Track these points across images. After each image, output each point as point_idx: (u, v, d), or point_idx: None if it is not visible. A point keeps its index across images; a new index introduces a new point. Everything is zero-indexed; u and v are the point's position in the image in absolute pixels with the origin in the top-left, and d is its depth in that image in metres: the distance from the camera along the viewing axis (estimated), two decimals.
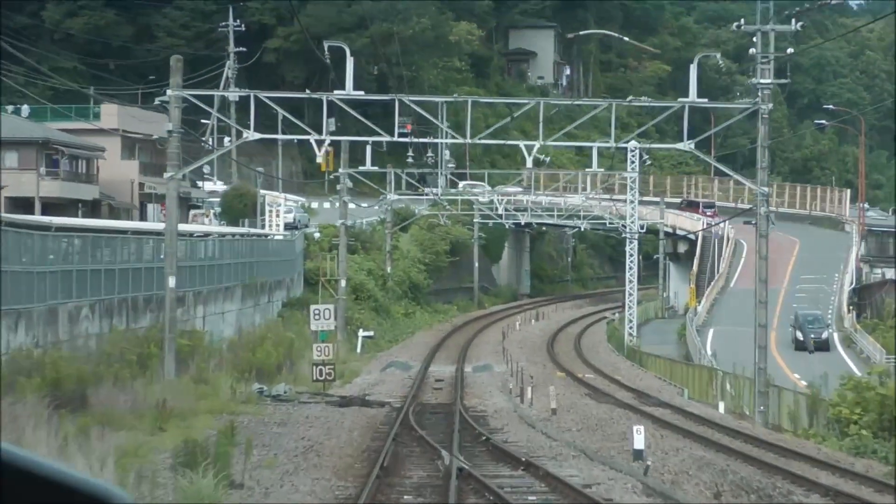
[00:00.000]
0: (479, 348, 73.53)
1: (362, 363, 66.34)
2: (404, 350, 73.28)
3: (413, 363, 63.14)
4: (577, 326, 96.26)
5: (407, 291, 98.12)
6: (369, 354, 72.25)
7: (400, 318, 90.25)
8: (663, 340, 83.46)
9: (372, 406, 43.09)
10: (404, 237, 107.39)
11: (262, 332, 54.57)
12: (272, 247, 78.45)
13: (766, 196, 45.75)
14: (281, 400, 44.51)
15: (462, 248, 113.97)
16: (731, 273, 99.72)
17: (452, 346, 75.48)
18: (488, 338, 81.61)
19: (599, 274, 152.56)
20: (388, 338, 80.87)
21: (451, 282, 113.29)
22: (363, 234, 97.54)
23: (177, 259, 54.24)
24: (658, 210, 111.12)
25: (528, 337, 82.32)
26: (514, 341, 78.04)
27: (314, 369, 47.93)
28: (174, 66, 45.74)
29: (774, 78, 44.70)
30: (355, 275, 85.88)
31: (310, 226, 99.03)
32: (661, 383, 55.78)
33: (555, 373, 57.82)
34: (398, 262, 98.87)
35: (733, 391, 49.00)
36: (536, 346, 75.26)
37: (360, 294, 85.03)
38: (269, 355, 50.87)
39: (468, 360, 65.64)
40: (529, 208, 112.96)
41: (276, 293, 75.36)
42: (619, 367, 64.15)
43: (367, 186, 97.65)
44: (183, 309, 56.92)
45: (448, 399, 46.41)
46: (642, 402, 46.47)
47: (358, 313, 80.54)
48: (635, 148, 69.72)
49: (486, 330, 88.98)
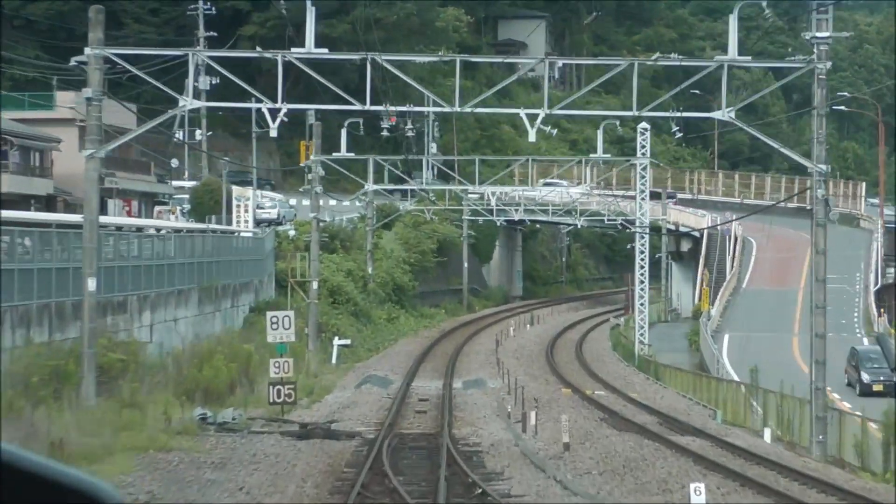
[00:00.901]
0: (469, 358, 64.68)
1: (337, 376, 57.53)
2: (386, 360, 64.44)
3: (394, 377, 54.34)
4: (576, 332, 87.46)
5: (390, 294, 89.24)
6: (346, 365, 63.44)
7: (382, 323, 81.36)
8: (672, 347, 74.66)
9: (338, 437, 34.24)
10: (388, 235, 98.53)
11: (212, 345, 45.56)
12: (239, 245, 69.58)
13: (824, 176, 37.02)
14: (227, 429, 35.72)
15: (450, 247, 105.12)
16: (741, 273, 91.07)
17: (440, 355, 66.66)
18: (480, 345, 72.71)
19: (595, 275, 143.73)
20: (369, 346, 72.00)
21: (439, 283, 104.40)
22: (342, 231, 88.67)
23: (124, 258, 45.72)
24: (660, 206, 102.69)
25: (524, 344, 73.44)
26: (509, 350, 69.24)
27: (271, 390, 39.03)
28: (94, 18, 36.94)
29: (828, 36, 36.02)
30: (332, 276, 77.03)
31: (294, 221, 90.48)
32: (685, 402, 46.91)
33: (559, 389, 49.04)
34: (380, 262, 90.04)
35: (773, 413, 40.21)
36: (534, 356, 66.42)
37: (338, 297, 76.14)
38: (220, 372, 42.04)
39: (457, 372, 56.87)
40: (523, 204, 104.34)
41: (242, 297, 66.46)
42: (632, 381, 55.31)
43: (349, 182, 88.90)
44: (124, 316, 48.18)
45: (433, 426, 37.60)
46: (672, 430, 37.75)
47: (335, 319, 71.65)
48: (646, 130, 61.15)
49: (477, 336, 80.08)
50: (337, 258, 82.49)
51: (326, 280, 75.40)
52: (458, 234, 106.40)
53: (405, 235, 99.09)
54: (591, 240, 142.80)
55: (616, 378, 55.74)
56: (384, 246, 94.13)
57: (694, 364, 72.26)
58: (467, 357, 65.22)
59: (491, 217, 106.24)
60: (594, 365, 62.04)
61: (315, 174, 60.27)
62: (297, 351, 58.71)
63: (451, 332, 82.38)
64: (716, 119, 36.80)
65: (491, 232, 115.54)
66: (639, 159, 61.36)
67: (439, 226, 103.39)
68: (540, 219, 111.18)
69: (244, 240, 71.44)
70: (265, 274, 72.23)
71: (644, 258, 62.87)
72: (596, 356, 68.26)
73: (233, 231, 72.66)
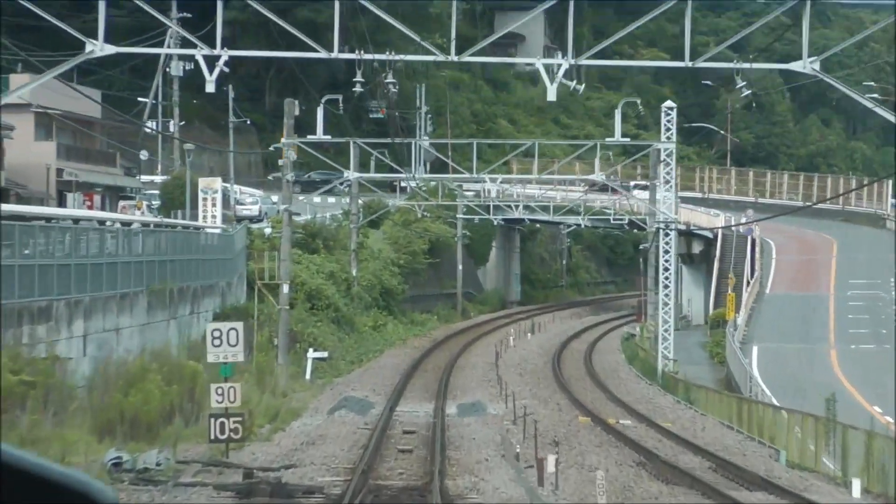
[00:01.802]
0: (465, 374, 55.54)
1: (310, 395, 48.48)
2: (368, 376, 55.31)
3: (376, 398, 45.22)
4: (583, 342, 78.35)
5: (377, 299, 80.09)
6: (323, 380, 54.38)
7: (367, 331, 72.18)
8: (688, 358, 65.67)
9: (292, 495, 25.16)
10: (375, 234, 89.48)
11: (144, 361, 36.27)
12: (203, 243, 60.50)
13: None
14: (147, 479, 26.66)
15: (443, 247, 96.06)
16: (763, 277, 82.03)
17: (431, 369, 57.53)
18: (476, 358, 63.53)
19: (596, 278, 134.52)
20: (351, 357, 62.83)
21: (431, 287, 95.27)
22: (325, 229, 79.53)
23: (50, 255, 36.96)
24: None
25: (527, 357, 64.26)
26: (510, 363, 60.11)
27: (213, 424, 29.92)
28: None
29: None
30: (311, 278, 67.96)
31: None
32: (733, 436, 37.76)
33: (576, 417, 39.90)
34: (366, 263, 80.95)
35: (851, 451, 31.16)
36: (539, 371, 57.27)
37: (318, 302, 67.01)
38: (151, 397, 32.97)
39: (451, 392, 47.73)
40: (522, 202, 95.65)
41: (204, 301, 57.35)
42: (660, 404, 46.08)
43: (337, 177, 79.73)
44: (47, 326, 39.12)
45: (421, 473, 28.47)
46: (731, 478, 28.72)
47: (312, 327, 62.54)
48: (671, 110, 52.04)
49: (473, 347, 70.89)
50: (318, 259, 73.50)
51: (304, 283, 66.41)
52: (451, 233, 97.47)
53: (394, 234, 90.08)
54: (592, 241, 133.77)
55: (640, 400, 46.56)
56: (371, 246, 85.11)
57: (718, 380, 63.13)
58: (463, 372, 56.09)
59: (487, 216, 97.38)
60: (610, 383, 52.88)
61: (287, 160, 51.15)
62: (264, 366, 49.71)
63: (443, 342, 73.27)
64: (796, 70, 27.79)
65: (487, 232, 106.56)
66: (663, 143, 52.24)
67: (432, 224, 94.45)
68: (540, 218, 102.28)
69: (211, 237, 62.35)
70: (234, 275, 63.10)
71: (668, 258, 53.61)
72: (610, 371, 59.12)
73: (198, 227, 63.64)
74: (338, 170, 67.29)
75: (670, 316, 53.06)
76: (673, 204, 53.09)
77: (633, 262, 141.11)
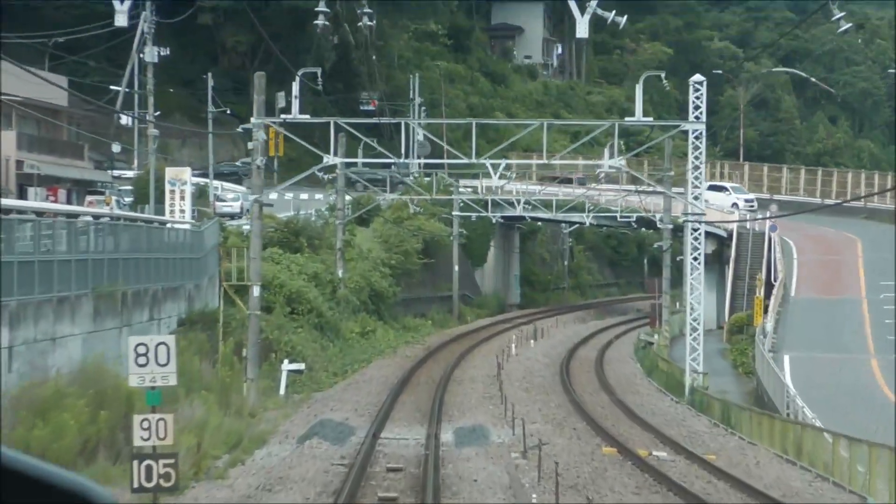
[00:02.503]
0: (463, 389, 48.15)
1: (281, 415, 41.22)
2: (352, 391, 47.98)
3: (358, 420, 37.91)
4: (591, 349, 71.02)
5: (366, 302, 72.77)
6: (301, 395, 47.12)
7: (353, 338, 64.81)
8: (711, 369, 58.39)
9: None
10: (364, 232, 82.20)
11: (57, 385, 28.88)
12: (169, 239, 53.27)
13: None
14: None
15: (438, 247, 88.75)
16: (786, 279, 74.75)
17: (424, 383, 50.18)
18: (475, 369, 56.14)
19: (599, 280, 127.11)
20: (334, 368, 55.43)
21: (425, 289, 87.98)
22: (309, 226, 72.24)
23: None
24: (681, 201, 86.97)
25: (532, 367, 56.87)
26: (514, 375, 52.75)
27: (136, 468, 22.68)
28: None
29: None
30: (292, 280, 60.70)
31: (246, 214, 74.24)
32: (797, 473, 30.39)
33: (597, 447, 32.59)
34: (354, 263, 73.68)
35: None
36: (548, 385, 49.83)
37: (298, 307, 59.71)
38: (67, 430, 25.77)
39: (448, 412, 40.40)
40: (523, 197, 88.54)
41: (166, 306, 50.03)
42: (696, 428, 38.57)
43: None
44: None
45: None
46: None
47: (291, 334, 55.24)
48: (700, 84, 44.72)
49: (472, 356, 63.55)
50: (301, 259, 66.25)
51: (283, 285, 59.16)
52: (447, 232, 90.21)
53: (385, 233, 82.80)
54: (594, 241, 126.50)
55: (669, 423, 39.19)
56: (359, 244, 77.82)
57: (745, 393, 55.88)
58: (460, 387, 48.71)
59: (485, 213, 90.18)
60: (630, 399, 45.53)
61: (256, 143, 43.83)
62: (229, 381, 42.46)
63: (438, 350, 65.94)
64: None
65: (485, 231, 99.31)
66: (691, 123, 44.83)
67: (426, 222, 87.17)
68: (542, 215, 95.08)
69: (178, 233, 55.02)
70: (204, 276, 55.72)
71: (698, 256, 45.96)
72: (626, 384, 51.71)
73: (163, 221, 56.37)
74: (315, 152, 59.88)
75: (699, 322, 45.68)
76: (703, 194, 45.78)
77: (636, 264, 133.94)
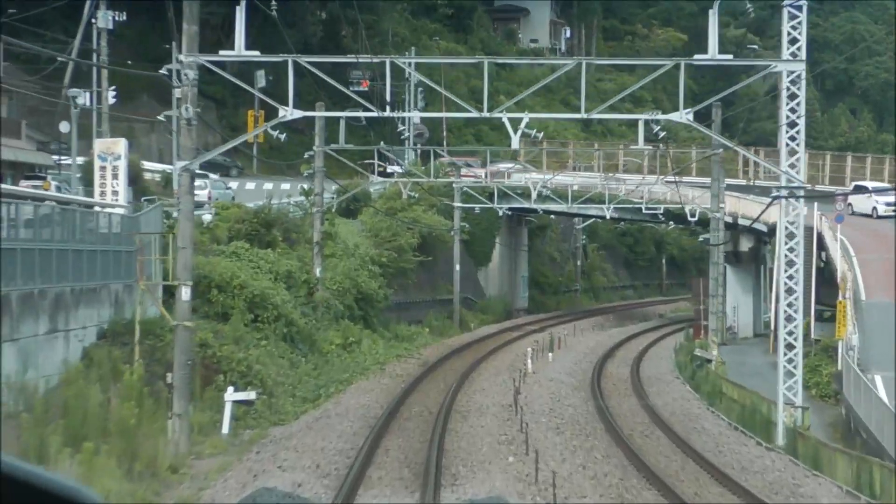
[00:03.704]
0: (469, 427, 35.20)
1: (217, 468, 28.49)
2: (318, 430, 35.03)
3: (315, 486, 25.13)
4: (621, 364, 58.14)
5: (351, 307, 59.98)
6: (254, 430, 34.41)
7: (333, 352, 51.92)
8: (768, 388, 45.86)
9: None
10: (351, 225, 69.58)
11: None
12: (91, 227, 40.55)
13: None
14: None
15: (437, 243, 76.06)
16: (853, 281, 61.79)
17: (417, 416, 37.29)
18: (485, 394, 43.12)
19: (614, 282, 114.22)
20: (305, 392, 42.49)
21: (421, 292, 75.16)
22: (283, 218, 59.55)
23: None
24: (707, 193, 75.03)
25: (557, 392, 43.82)
26: (536, 404, 39.78)
27: None
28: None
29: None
30: (254, 280, 47.90)
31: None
32: None
33: None
34: (337, 260, 61.08)
35: None
36: (583, 420, 36.71)
37: (263, 313, 46.87)
38: None
39: (449, 469, 27.58)
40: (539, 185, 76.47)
41: (80, 314, 37.23)
42: (822, 500, 25.88)
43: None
44: None
45: None
46: None
47: (253, 348, 42.44)
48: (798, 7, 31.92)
49: (478, 373, 50.65)
50: (272, 255, 53.57)
51: (243, 286, 46.31)
52: (447, 225, 77.54)
53: (376, 225, 70.10)
54: (608, 239, 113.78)
55: (777, 488, 26.36)
56: (345, 239, 65.14)
57: (827, 424, 43.09)
58: (466, 423, 35.77)
59: (490, 204, 77.71)
60: (702, 444, 32.46)
61: (186, 89, 31.05)
62: (133, 423, 29.54)
63: (437, 366, 52.97)
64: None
65: (490, 225, 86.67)
66: (787, 62, 31.56)
67: (423, 214, 74.52)
68: (556, 208, 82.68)
69: (106, 220, 42.20)
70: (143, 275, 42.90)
71: (796, 245, 32.52)
72: (686, 418, 38.65)
73: (87, 205, 43.59)
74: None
75: (798, 338, 32.51)
76: (804, 158, 32.79)
77: (653, 264, 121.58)
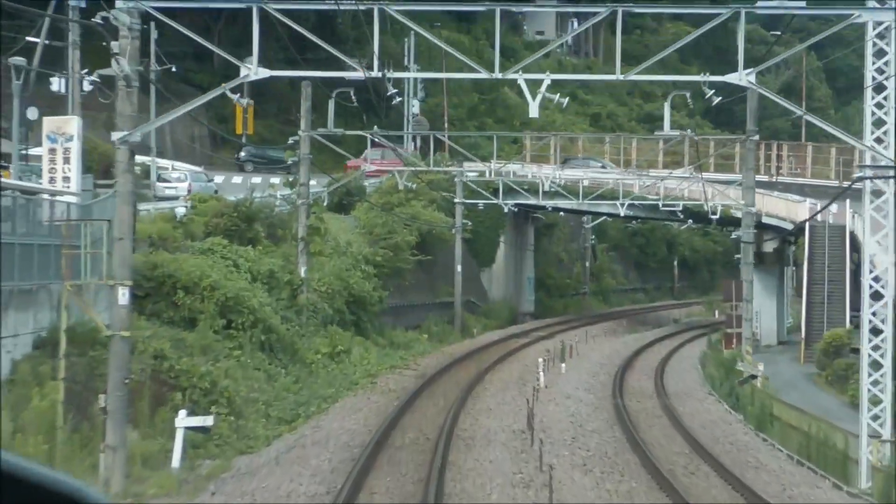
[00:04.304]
0: (476, 461, 28.73)
1: None
2: (290, 465, 28.52)
3: None
4: (643, 376, 51.66)
5: (342, 311, 53.55)
6: (214, 462, 28.04)
7: (318, 362, 45.48)
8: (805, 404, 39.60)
9: None
10: (343, 220, 63.25)
11: None
12: (33, 217, 34.18)
13: None
14: None
15: (437, 242, 69.69)
16: None
17: (410, 446, 30.84)
18: (492, 415, 36.63)
19: (624, 285, 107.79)
20: (280, 412, 36.11)
21: (419, 294, 68.68)
22: (264, 211, 53.10)
23: None
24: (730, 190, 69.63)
25: (577, 413, 37.31)
26: (555, 431, 33.30)
27: None
28: None
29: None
30: (227, 280, 41.45)
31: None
32: None
33: None
34: (327, 259, 54.73)
35: None
36: (612, 451, 30.09)
37: (237, 319, 40.40)
38: None
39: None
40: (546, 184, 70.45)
41: (13, 318, 30.91)
42: None
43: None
44: None
45: None
46: None
47: (220, 362, 36.02)
48: None
49: (484, 387, 44.18)
50: (253, 252, 47.15)
51: (214, 287, 39.86)
52: (448, 223, 71.15)
53: (370, 222, 63.69)
54: (618, 239, 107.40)
55: None
56: (335, 236, 58.77)
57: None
58: (471, 455, 29.33)
59: (495, 200, 71.39)
60: (763, 485, 26.23)
61: (125, 40, 24.58)
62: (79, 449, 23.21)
63: (436, 379, 46.46)
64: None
65: (494, 223, 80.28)
66: (874, 11, 25.03)
67: (422, 210, 68.17)
68: (565, 204, 76.40)
69: (53, 210, 35.80)
70: (94, 274, 36.40)
71: (883, 240, 26.14)
72: (733, 447, 32.36)
73: (29, 192, 37.13)
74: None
75: (886, 355, 26.01)
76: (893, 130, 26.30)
77: (664, 266, 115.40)
